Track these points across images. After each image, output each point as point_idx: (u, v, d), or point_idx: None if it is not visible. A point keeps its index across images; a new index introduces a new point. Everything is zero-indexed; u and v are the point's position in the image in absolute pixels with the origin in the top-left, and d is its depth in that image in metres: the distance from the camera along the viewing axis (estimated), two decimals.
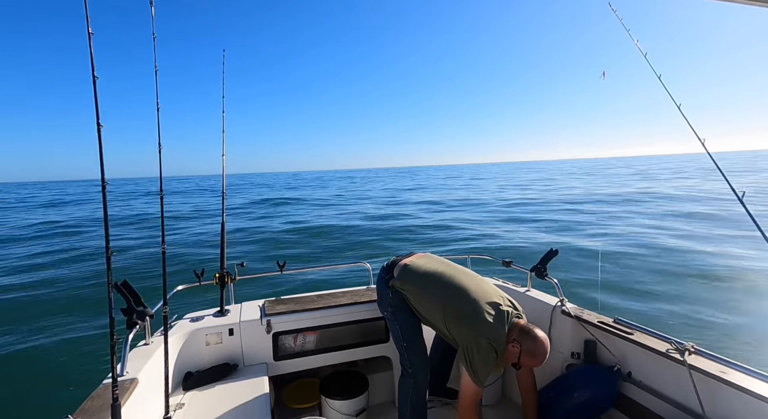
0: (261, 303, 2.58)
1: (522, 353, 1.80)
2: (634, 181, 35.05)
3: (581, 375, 2.10)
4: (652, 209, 15.93)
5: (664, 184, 29.05)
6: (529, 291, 2.60)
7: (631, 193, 23.16)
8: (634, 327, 2.03)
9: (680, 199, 19.32)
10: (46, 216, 22.19)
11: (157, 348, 1.97)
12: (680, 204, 17.08)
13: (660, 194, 21.98)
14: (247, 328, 2.36)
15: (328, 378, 2.54)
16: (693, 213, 14.28)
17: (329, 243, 11.97)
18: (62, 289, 7.65)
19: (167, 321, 1.88)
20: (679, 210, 15.24)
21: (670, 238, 10.23)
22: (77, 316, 6.00)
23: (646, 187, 27.37)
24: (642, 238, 10.44)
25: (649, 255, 8.62)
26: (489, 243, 10.88)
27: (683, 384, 1.69)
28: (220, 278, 2.48)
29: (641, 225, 12.46)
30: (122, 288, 1.72)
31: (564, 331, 2.26)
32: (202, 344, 2.30)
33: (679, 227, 11.77)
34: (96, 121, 1.27)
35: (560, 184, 34.74)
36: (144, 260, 9.76)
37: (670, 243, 9.63)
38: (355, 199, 28.57)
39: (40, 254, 11.51)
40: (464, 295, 1.90)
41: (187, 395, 2.07)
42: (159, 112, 1.83)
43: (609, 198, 21.51)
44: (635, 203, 18.21)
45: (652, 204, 17.72)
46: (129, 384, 1.64)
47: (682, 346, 1.77)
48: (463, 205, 21.53)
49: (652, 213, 14.87)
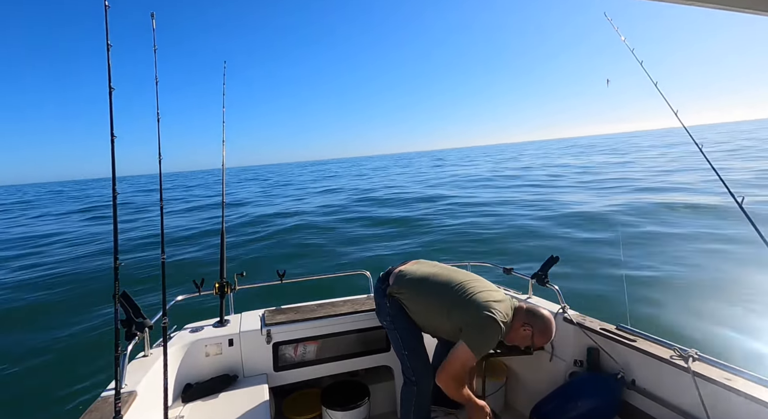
0: (261, 313, 2.56)
1: (534, 334, 1.89)
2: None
3: (584, 383, 2.09)
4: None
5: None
6: (530, 299, 2.59)
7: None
8: (637, 334, 2.01)
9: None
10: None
11: (157, 359, 1.95)
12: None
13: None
14: (247, 338, 2.34)
15: (329, 389, 2.51)
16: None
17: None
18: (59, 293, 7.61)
19: (167, 332, 1.87)
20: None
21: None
22: (69, 325, 5.96)
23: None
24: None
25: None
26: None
27: (688, 392, 1.67)
28: (219, 288, 2.48)
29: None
30: (121, 299, 1.72)
31: (566, 339, 2.24)
32: (202, 355, 2.29)
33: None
34: (110, 131, 1.29)
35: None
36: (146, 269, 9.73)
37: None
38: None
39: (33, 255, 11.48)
40: (465, 284, 1.98)
41: (187, 407, 2.05)
42: (159, 123, 1.84)
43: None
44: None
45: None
46: (127, 396, 1.62)
47: (686, 353, 1.75)
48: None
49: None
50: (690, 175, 18.58)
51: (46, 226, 19.09)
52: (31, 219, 23.95)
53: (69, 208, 28.92)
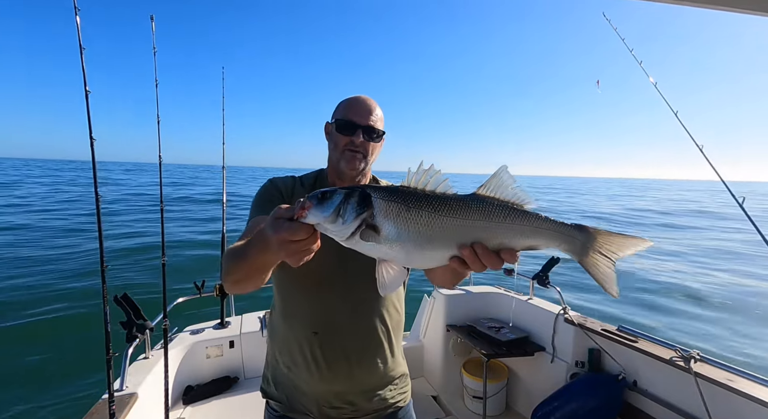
0: (262, 315, 2.56)
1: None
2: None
3: (585, 384, 2.08)
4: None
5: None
6: (532, 300, 2.59)
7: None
8: (638, 335, 2.01)
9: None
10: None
11: (157, 361, 1.95)
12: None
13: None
14: (247, 340, 2.34)
15: None
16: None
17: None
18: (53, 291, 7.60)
19: (167, 334, 1.86)
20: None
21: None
22: (76, 326, 5.96)
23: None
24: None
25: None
26: None
27: (689, 393, 1.67)
28: (220, 289, 2.48)
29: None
30: (122, 301, 1.71)
31: (567, 340, 2.24)
32: (203, 357, 2.28)
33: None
34: (89, 134, 1.26)
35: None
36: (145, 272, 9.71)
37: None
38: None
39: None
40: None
41: (188, 409, 2.04)
42: (159, 125, 1.85)
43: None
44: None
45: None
46: (128, 399, 1.62)
47: (688, 354, 1.75)
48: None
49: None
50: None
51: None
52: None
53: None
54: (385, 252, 0.65)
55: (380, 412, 1.08)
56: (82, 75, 1.23)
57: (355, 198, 0.63)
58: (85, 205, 17.88)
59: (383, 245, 0.63)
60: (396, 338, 1.11)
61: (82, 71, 1.23)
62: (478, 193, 0.66)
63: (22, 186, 29.35)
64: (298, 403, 1.05)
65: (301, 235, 0.62)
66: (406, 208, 0.63)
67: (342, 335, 1.02)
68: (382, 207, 0.63)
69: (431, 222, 0.63)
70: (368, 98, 1.09)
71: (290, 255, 0.65)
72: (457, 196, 0.66)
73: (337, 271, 1.03)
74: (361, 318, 1.04)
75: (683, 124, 1.88)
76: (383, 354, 1.07)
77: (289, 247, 0.63)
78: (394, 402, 1.11)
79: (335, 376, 1.01)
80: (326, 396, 1.03)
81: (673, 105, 1.85)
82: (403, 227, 0.63)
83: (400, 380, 1.13)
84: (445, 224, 0.64)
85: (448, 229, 0.64)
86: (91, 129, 1.23)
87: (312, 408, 1.03)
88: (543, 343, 2.35)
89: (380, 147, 1.12)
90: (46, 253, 10.28)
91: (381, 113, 1.09)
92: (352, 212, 0.62)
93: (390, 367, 1.09)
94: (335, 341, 1.01)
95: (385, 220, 0.63)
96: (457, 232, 0.64)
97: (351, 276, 1.03)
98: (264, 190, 1.09)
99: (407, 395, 1.16)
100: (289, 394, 1.07)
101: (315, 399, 1.03)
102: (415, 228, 0.63)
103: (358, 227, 0.62)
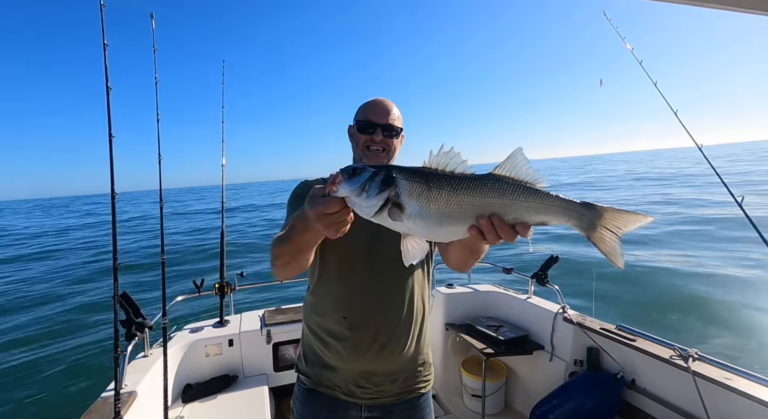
0: (261, 313, 2.56)
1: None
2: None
3: (584, 382, 2.08)
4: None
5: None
6: (530, 299, 2.59)
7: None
8: (636, 334, 2.01)
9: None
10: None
11: (156, 360, 1.95)
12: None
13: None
14: (247, 339, 2.34)
15: None
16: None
17: None
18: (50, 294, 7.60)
19: (167, 332, 1.87)
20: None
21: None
22: (69, 328, 5.95)
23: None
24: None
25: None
26: None
27: (688, 391, 1.67)
28: (219, 288, 2.48)
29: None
30: (122, 300, 1.71)
31: (566, 338, 2.24)
32: (202, 355, 2.28)
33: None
34: (108, 131, 1.30)
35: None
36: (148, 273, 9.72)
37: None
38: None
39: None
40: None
41: (187, 407, 2.04)
42: (159, 123, 1.84)
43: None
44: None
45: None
46: (127, 397, 1.62)
47: (686, 353, 1.75)
48: None
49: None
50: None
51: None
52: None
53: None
54: (409, 227, 0.71)
55: (402, 395, 1.15)
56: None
57: (381, 176, 0.69)
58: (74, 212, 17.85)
59: (407, 221, 0.69)
60: (422, 327, 1.17)
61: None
62: (494, 173, 0.71)
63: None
64: (325, 379, 1.13)
65: (335, 208, 0.70)
66: (428, 187, 0.68)
67: (370, 319, 1.09)
68: (405, 186, 0.68)
69: (450, 200, 0.68)
70: (385, 99, 1.18)
71: (327, 227, 0.73)
72: (475, 176, 0.70)
73: (367, 258, 1.10)
74: (389, 304, 1.11)
75: (683, 124, 1.89)
76: (408, 340, 1.13)
77: (326, 220, 0.72)
78: (417, 388, 1.17)
79: (362, 357, 1.08)
80: (353, 374, 1.10)
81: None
82: (425, 204, 0.68)
83: (424, 368, 1.18)
84: (464, 201, 0.69)
85: (467, 206, 0.69)
86: (110, 125, 1.28)
87: (339, 383, 1.11)
88: (542, 342, 2.36)
89: (400, 143, 1.21)
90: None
91: (398, 112, 1.17)
92: (376, 188, 0.68)
93: (414, 354, 1.14)
94: (363, 325, 1.08)
95: (409, 198, 0.68)
96: (474, 209, 0.69)
97: (379, 264, 1.10)
98: (297, 190, 1.20)
99: (429, 384, 1.21)
100: (318, 371, 1.14)
101: (343, 377, 1.10)
102: (436, 206, 0.68)
103: (384, 205, 0.68)
